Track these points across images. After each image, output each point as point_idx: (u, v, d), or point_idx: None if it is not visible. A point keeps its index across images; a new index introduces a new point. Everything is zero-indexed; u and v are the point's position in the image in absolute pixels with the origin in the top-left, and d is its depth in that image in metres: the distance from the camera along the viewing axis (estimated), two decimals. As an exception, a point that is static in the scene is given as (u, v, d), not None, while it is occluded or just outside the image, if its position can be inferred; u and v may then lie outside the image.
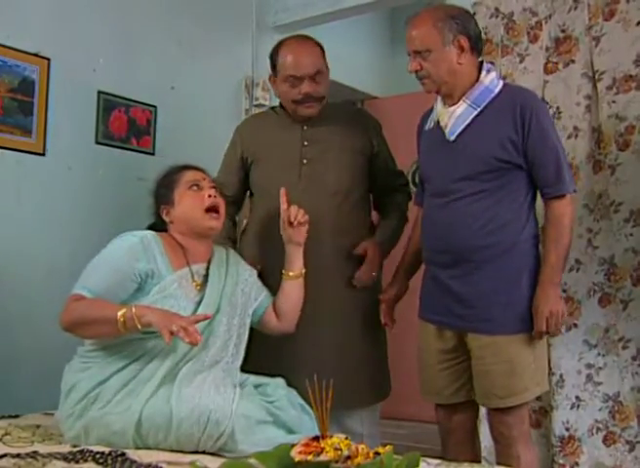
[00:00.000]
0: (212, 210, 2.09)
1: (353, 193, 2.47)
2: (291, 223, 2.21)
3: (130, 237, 2.02)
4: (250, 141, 2.53)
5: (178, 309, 1.94)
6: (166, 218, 2.12)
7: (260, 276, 2.29)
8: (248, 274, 2.20)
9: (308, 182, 2.40)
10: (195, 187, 2.11)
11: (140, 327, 1.83)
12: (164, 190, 2.14)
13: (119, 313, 1.83)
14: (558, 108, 2.68)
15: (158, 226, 2.15)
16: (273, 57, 2.47)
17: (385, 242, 2.52)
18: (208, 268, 2.10)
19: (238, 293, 2.12)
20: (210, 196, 2.09)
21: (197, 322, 1.87)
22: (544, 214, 2.15)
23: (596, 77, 2.63)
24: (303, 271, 2.26)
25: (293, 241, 2.23)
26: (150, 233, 2.05)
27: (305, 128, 2.46)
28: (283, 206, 2.23)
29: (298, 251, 2.24)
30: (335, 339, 2.38)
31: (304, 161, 2.43)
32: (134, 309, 1.85)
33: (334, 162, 2.44)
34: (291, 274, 2.25)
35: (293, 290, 2.25)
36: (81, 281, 1.98)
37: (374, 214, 2.65)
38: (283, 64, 2.42)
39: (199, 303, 2.02)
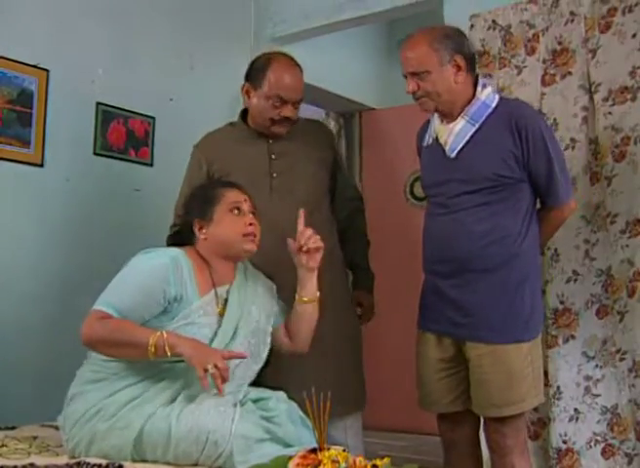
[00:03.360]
0: (249, 235, 2.06)
1: (322, 204, 2.51)
2: (301, 248, 2.12)
3: (160, 256, 1.97)
4: (214, 157, 2.48)
5: (200, 337, 1.91)
6: (198, 233, 2.06)
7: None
8: (266, 289, 2.17)
9: (280, 195, 2.40)
10: (237, 211, 2.06)
11: (169, 355, 1.80)
12: (203, 204, 2.08)
13: (150, 340, 1.79)
14: (555, 120, 2.69)
15: (181, 235, 2.12)
16: (259, 69, 2.44)
17: (370, 278, 2.64)
18: (228, 291, 2.06)
19: (255, 314, 2.08)
20: (251, 224, 2.06)
21: (231, 358, 1.86)
22: (539, 210, 2.23)
23: (592, 89, 2.64)
24: (318, 294, 2.17)
25: (304, 266, 2.14)
26: (180, 253, 1.99)
27: (271, 141, 2.47)
28: (299, 227, 2.14)
29: (310, 276, 2.15)
30: (315, 347, 2.38)
31: (274, 175, 2.43)
32: (165, 336, 1.80)
33: (302, 174, 2.46)
34: (305, 299, 2.15)
35: (305, 313, 2.17)
36: (106, 296, 1.91)
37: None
38: (274, 83, 2.39)
39: (218, 329, 1.99)
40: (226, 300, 2.04)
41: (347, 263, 2.61)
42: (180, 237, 2.13)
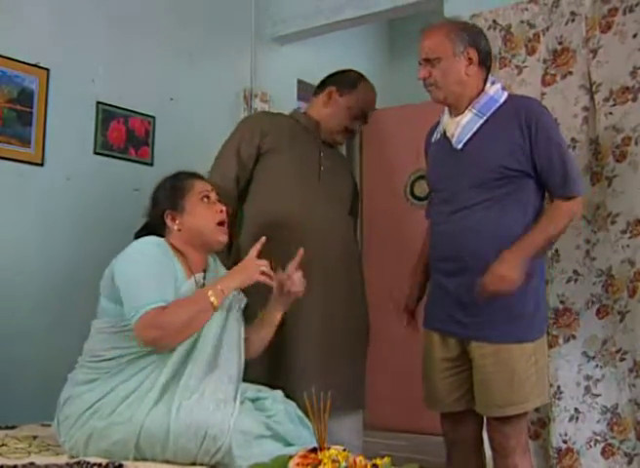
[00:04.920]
0: (222, 224, 2.11)
1: (349, 211, 2.64)
2: (282, 288, 2.15)
3: (150, 242, 2.00)
4: (269, 130, 2.55)
5: None
6: (170, 224, 2.08)
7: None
8: None
9: (326, 187, 2.52)
10: (206, 199, 2.11)
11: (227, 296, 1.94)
12: (173, 196, 2.11)
13: (212, 298, 1.89)
14: (556, 120, 2.68)
15: (151, 229, 2.13)
16: (351, 80, 2.61)
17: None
18: (204, 277, 2.09)
19: (227, 300, 2.08)
20: (221, 211, 2.11)
21: (257, 253, 2.03)
22: (547, 206, 2.19)
23: (593, 89, 2.64)
24: (277, 323, 2.19)
25: (276, 301, 2.17)
26: (161, 240, 2.03)
27: (321, 142, 2.60)
28: (290, 268, 2.16)
29: (280, 311, 2.18)
30: (326, 339, 2.43)
31: (322, 168, 2.54)
32: (218, 286, 1.92)
33: (342, 179, 2.61)
34: (267, 320, 2.17)
35: (264, 329, 2.18)
36: (141, 296, 1.87)
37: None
38: (362, 98, 2.60)
39: None
40: (204, 285, 2.06)
41: None
42: (149, 228, 2.13)
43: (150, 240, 2.02)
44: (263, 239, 2.06)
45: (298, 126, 2.59)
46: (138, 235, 2.17)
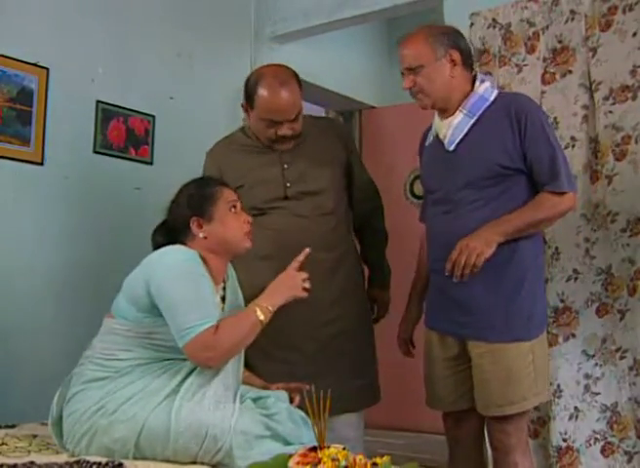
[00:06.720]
0: (249, 233, 2.09)
1: (338, 205, 2.51)
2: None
3: (185, 253, 1.96)
4: (227, 168, 2.46)
5: None
6: (196, 231, 2.04)
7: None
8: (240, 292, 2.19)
9: (295, 203, 2.42)
10: (234, 209, 2.08)
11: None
12: (203, 202, 2.06)
13: (261, 316, 1.89)
14: (555, 118, 2.69)
15: (171, 231, 2.09)
16: (250, 88, 2.39)
17: (384, 275, 2.66)
18: (224, 288, 2.09)
19: (237, 309, 2.10)
20: (248, 222, 2.09)
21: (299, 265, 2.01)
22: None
23: (593, 87, 2.64)
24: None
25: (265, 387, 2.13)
26: (195, 252, 1.98)
27: (282, 151, 2.45)
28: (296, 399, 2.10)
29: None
30: (325, 344, 2.40)
31: (288, 184, 2.43)
32: (264, 304, 1.91)
33: (316, 178, 2.45)
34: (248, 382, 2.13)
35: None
36: (192, 318, 1.85)
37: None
38: (262, 106, 2.35)
39: None
40: (223, 298, 2.06)
41: (363, 260, 2.64)
42: (168, 230, 2.10)
43: (186, 251, 1.97)
44: (307, 251, 2.02)
45: (253, 143, 2.47)
46: (159, 236, 2.11)
